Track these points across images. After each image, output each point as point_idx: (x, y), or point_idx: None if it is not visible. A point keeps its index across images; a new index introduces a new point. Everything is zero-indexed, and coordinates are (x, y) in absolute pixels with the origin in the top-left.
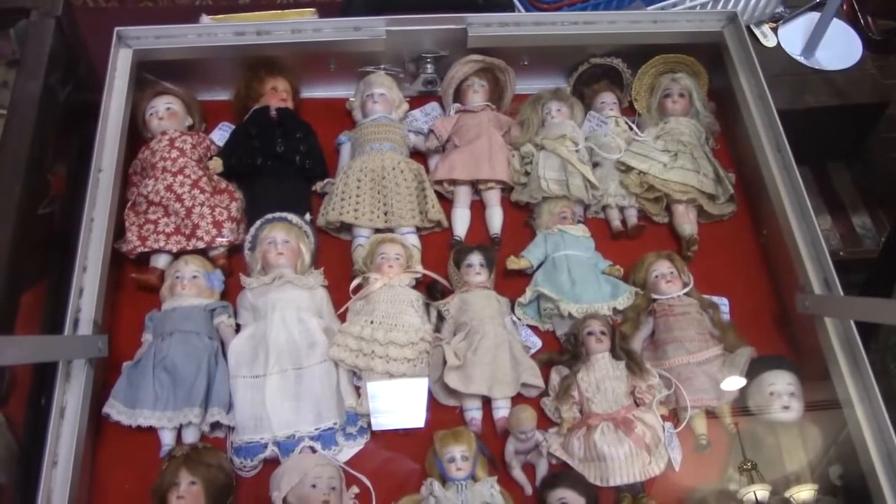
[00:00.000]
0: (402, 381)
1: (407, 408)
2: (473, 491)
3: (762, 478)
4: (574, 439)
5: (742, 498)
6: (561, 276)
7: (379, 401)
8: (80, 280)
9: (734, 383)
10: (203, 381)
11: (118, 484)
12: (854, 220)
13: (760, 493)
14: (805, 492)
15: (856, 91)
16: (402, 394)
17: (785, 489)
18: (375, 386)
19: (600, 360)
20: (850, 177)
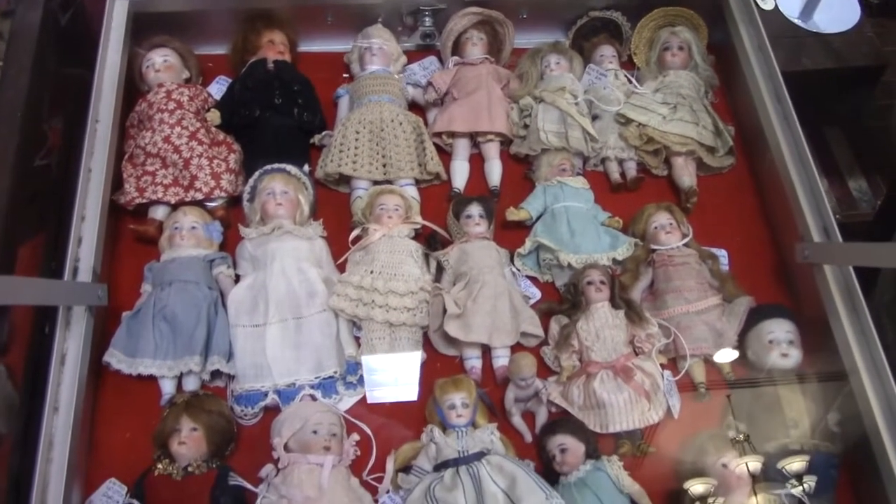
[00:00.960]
0: (397, 355)
1: (400, 382)
2: (473, 437)
3: (754, 449)
4: (573, 387)
5: (734, 469)
6: (560, 227)
7: (374, 375)
8: (78, 229)
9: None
10: (203, 330)
11: (119, 432)
12: (851, 184)
13: (752, 465)
14: (797, 463)
15: (853, 54)
16: (396, 368)
17: (783, 439)
18: (371, 359)
19: (600, 309)
20: (847, 141)
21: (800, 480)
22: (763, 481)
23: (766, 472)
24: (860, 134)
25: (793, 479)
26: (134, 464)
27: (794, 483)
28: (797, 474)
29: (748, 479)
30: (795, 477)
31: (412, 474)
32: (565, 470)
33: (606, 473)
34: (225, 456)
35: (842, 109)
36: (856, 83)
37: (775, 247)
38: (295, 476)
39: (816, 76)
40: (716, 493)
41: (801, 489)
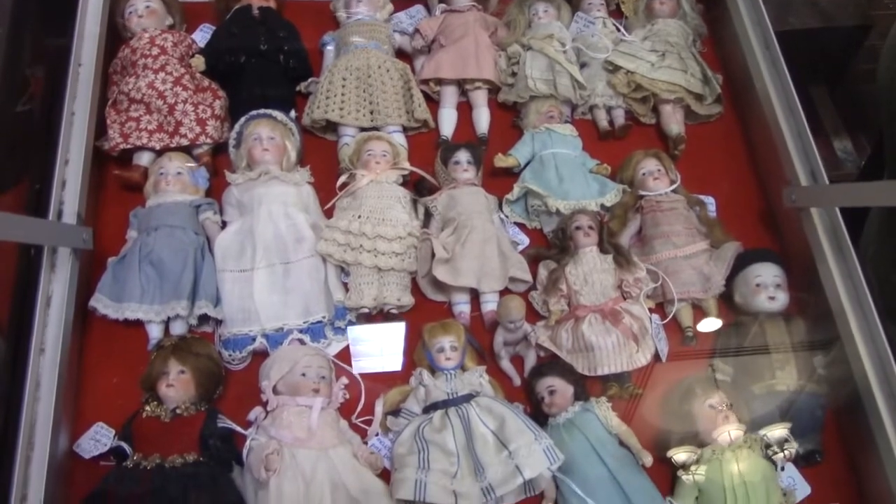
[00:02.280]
0: (383, 325)
1: (386, 351)
2: (462, 379)
3: (737, 418)
4: (562, 331)
5: (717, 438)
6: (548, 173)
7: (360, 345)
8: (62, 172)
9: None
10: (190, 274)
11: (107, 378)
12: (835, 144)
13: (735, 434)
14: (778, 430)
15: (840, 14)
16: (381, 337)
17: (769, 380)
18: (356, 329)
19: (588, 253)
20: (832, 101)
21: (781, 448)
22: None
23: (752, 413)
24: (845, 94)
25: (774, 447)
26: (122, 408)
27: (774, 451)
28: (779, 441)
29: (734, 420)
30: (777, 444)
31: (401, 417)
32: (554, 411)
33: (595, 414)
34: (213, 399)
35: (827, 70)
36: (842, 43)
37: (762, 194)
38: (284, 418)
39: (803, 35)
40: (703, 433)
41: (781, 456)
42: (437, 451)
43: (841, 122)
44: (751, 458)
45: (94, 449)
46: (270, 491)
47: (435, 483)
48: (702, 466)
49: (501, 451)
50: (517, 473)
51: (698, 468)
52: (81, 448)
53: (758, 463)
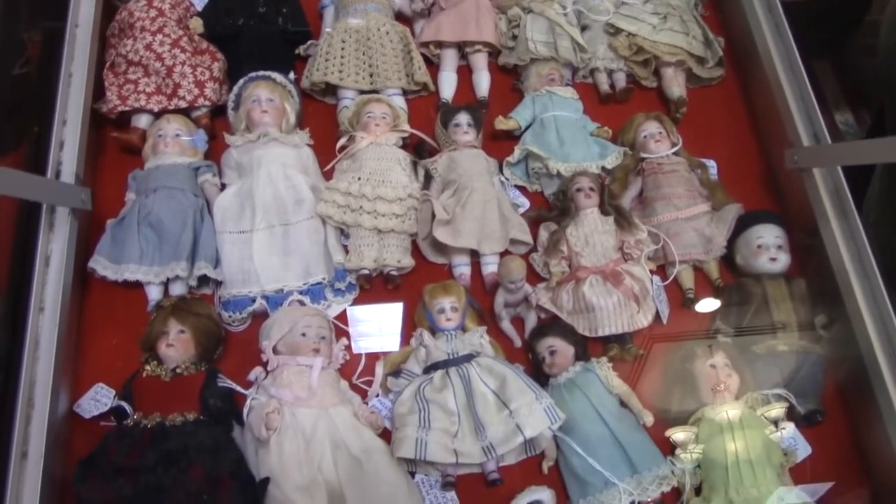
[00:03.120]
0: (380, 305)
1: (384, 331)
2: (463, 340)
3: (734, 397)
4: (563, 292)
5: (714, 418)
6: (549, 135)
7: (359, 325)
8: (60, 133)
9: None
10: (189, 236)
11: (106, 339)
12: (837, 117)
13: (732, 413)
14: (776, 410)
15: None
16: (379, 318)
17: (771, 340)
18: (356, 310)
19: (589, 215)
20: (834, 73)
21: (777, 426)
22: (751, 381)
23: (753, 374)
24: (847, 68)
25: (771, 426)
26: (122, 370)
27: (772, 430)
28: (775, 420)
29: (736, 380)
30: (773, 423)
31: (402, 377)
32: (555, 372)
33: (596, 374)
34: (213, 359)
35: (829, 43)
36: (843, 17)
37: (764, 157)
38: (284, 377)
39: (804, 8)
40: (704, 393)
41: (779, 434)
42: (437, 410)
43: (842, 95)
44: (752, 417)
45: (94, 409)
46: (271, 449)
47: (436, 442)
48: (703, 429)
49: (502, 410)
50: (518, 432)
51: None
52: (81, 408)
53: (759, 422)
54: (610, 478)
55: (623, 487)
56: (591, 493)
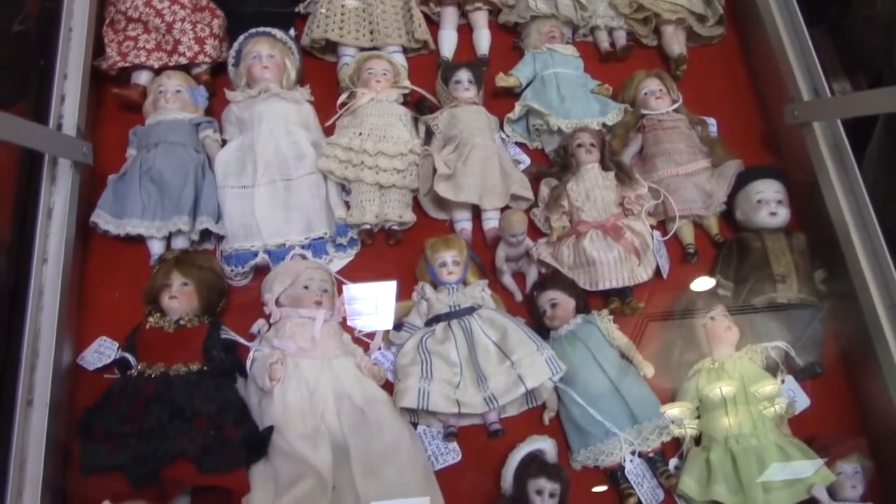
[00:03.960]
0: (374, 283)
1: (378, 310)
2: (464, 293)
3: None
4: (564, 247)
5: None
6: (550, 92)
7: (354, 304)
8: (60, 87)
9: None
10: (191, 190)
11: (109, 294)
12: (834, 86)
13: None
14: (775, 363)
15: None
16: (373, 296)
17: (770, 293)
18: (351, 288)
19: (590, 170)
20: (832, 42)
21: (776, 378)
22: (750, 334)
23: (753, 326)
24: (844, 35)
25: (770, 378)
26: (124, 323)
27: (766, 405)
28: (774, 372)
29: (736, 333)
30: (772, 375)
31: (403, 330)
32: (556, 324)
33: (597, 327)
34: (216, 312)
35: (827, 11)
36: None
37: (763, 114)
38: (287, 329)
39: None
40: (704, 345)
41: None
42: (439, 361)
43: (839, 62)
44: (751, 369)
45: (98, 361)
46: (274, 399)
47: (438, 392)
48: (702, 380)
49: (504, 361)
50: (519, 383)
51: (699, 379)
52: (85, 360)
53: (758, 374)
54: (611, 428)
55: (623, 437)
56: (592, 443)
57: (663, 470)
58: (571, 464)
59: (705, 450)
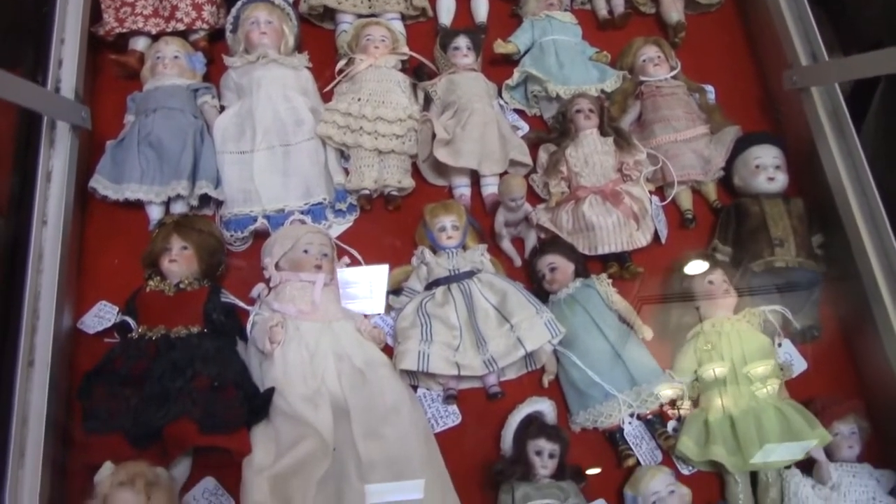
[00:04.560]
0: (367, 268)
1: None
2: (464, 257)
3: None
4: (562, 212)
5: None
6: (549, 59)
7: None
8: (58, 52)
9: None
10: (189, 155)
11: (108, 259)
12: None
13: (729, 328)
14: (772, 326)
15: None
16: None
17: (768, 257)
18: (345, 272)
19: (588, 136)
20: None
21: (773, 342)
22: (748, 298)
23: (751, 290)
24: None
25: (768, 341)
26: (124, 288)
27: (759, 386)
28: (771, 336)
29: (733, 296)
30: (770, 338)
31: (403, 295)
32: (555, 288)
33: (596, 290)
34: (216, 276)
35: None
36: None
37: (761, 82)
38: (287, 292)
39: None
40: (703, 308)
41: (775, 350)
42: (439, 324)
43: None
44: (749, 331)
45: (98, 325)
46: (275, 362)
47: (438, 354)
48: (700, 343)
49: (503, 324)
50: (519, 346)
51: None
52: (85, 325)
53: (756, 337)
54: (609, 390)
55: (622, 399)
56: (591, 405)
57: (662, 431)
58: (570, 426)
59: (703, 412)
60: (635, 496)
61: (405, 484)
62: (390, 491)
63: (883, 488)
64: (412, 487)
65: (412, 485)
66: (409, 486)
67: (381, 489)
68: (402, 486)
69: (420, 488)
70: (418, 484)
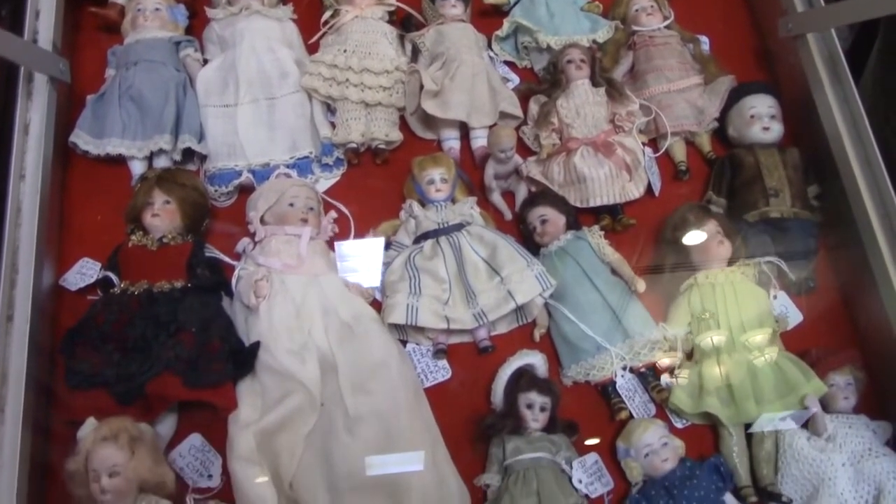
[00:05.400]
0: (363, 240)
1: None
2: (453, 210)
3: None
4: (553, 165)
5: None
6: (539, 9)
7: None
8: (35, 3)
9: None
10: (172, 109)
11: (90, 215)
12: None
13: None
14: (767, 277)
15: None
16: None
17: (763, 208)
18: (340, 246)
19: (580, 86)
20: None
21: (768, 294)
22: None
23: (746, 241)
24: None
25: (763, 293)
26: (107, 244)
27: (753, 338)
28: (766, 287)
29: (728, 247)
30: (765, 290)
31: (391, 249)
32: (546, 241)
33: (587, 242)
34: (200, 231)
35: None
36: None
37: (756, 30)
38: (273, 246)
39: None
40: (697, 260)
41: (770, 301)
42: (428, 278)
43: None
44: (744, 283)
45: (80, 281)
46: (261, 316)
47: (427, 308)
48: (694, 295)
49: (493, 277)
50: (509, 299)
51: (690, 294)
52: (67, 282)
53: (750, 289)
54: (602, 343)
55: (615, 352)
56: (583, 358)
57: (655, 384)
58: (562, 380)
59: (697, 364)
60: (628, 448)
61: (406, 455)
62: (390, 463)
63: (879, 439)
64: (412, 459)
65: (412, 456)
66: (410, 457)
67: (381, 461)
68: (402, 458)
69: (420, 460)
70: (418, 455)
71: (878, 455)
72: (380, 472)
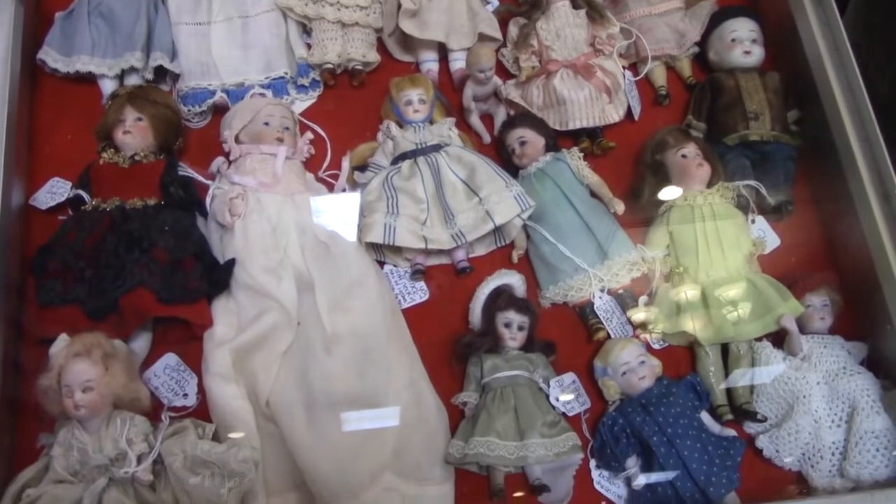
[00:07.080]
0: (339, 195)
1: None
2: (431, 130)
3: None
4: (533, 87)
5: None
6: None
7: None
8: None
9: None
10: (143, 26)
11: (60, 135)
12: None
13: (702, 200)
14: (746, 200)
15: None
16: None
17: (743, 131)
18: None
19: (560, 8)
20: None
21: (747, 217)
22: (722, 172)
23: (725, 164)
24: None
25: (728, 305)
26: (78, 163)
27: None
28: (745, 210)
29: (707, 170)
30: (744, 213)
31: (369, 170)
32: (525, 163)
33: (566, 164)
34: (173, 150)
35: None
36: None
37: None
38: (248, 165)
39: None
40: (675, 182)
41: (748, 225)
42: (406, 197)
43: None
44: (722, 206)
45: (51, 200)
46: (236, 234)
47: (404, 227)
48: (673, 216)
49: (472, 197)
50: (488, 219)
51: (669, 216)
52: (38, 201)
53: (729, 211)
54: (580, 264)
55: (593, 273)
56: (561, 280)
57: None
58: (540, 301)
59: (675, 286)
60: (605, 367)
61: (382, 411)
62: (366, 419)
63: (854, 359)
64: (388, 415)
65: (388, 412)
66: (386, 413)
67: (357, 416)
68: (378, 413)
69: (396, 416)
70: (394, 411)
71: (853, 373)
72: (357, 390)
